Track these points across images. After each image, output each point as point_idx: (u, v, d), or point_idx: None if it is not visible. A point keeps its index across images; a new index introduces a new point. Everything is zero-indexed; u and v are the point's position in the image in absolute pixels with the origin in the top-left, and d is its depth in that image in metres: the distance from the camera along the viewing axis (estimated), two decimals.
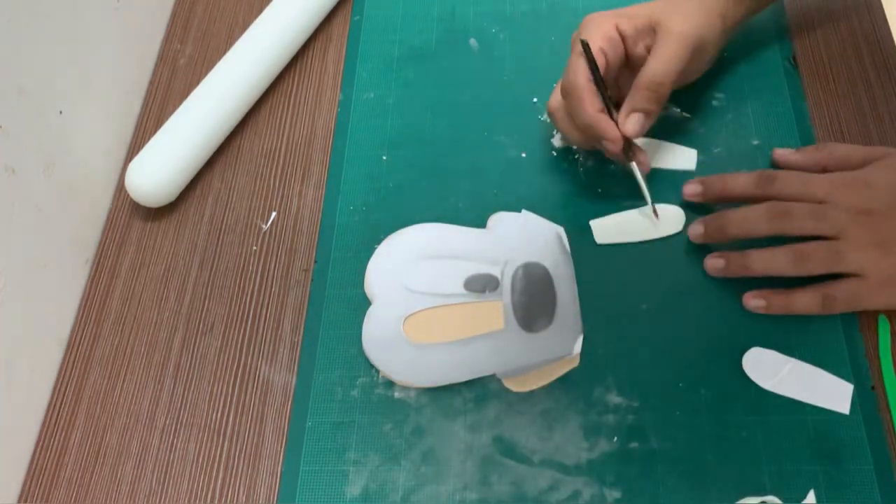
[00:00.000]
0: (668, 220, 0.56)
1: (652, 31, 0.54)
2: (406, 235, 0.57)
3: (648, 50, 0.54)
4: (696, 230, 0.54)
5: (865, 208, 0.49)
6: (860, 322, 0.52)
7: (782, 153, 0.57)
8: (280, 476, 0.50)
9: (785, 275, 0.50)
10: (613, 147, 0.53)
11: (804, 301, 0.50)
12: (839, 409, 0.49)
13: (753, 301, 0.51)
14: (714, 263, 0.53)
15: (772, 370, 0.50)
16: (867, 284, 0.49)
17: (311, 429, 0.51)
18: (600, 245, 0.56)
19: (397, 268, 0.55)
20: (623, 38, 0.55)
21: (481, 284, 0.53)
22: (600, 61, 0.53)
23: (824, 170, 0.53)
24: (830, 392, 0.49)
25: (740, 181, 0.53)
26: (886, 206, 0.49)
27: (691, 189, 0.55)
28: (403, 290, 0.54)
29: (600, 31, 0.54)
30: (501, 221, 0.57)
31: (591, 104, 0.52)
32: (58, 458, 0.52)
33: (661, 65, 0.53)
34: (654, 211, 0.55)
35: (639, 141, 0.56)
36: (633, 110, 0.53)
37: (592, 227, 0.56)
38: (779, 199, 0.51)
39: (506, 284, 0.53)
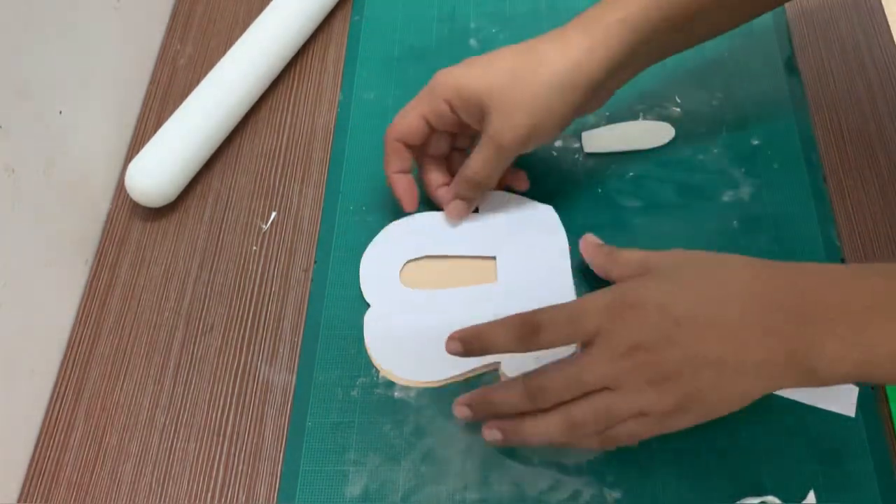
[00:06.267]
0: (657, 132, 0.60)
1: (482, 114, 0.51)
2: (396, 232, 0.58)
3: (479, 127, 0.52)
4: (463, 412, 0.48)
5: (632, 344, 0.42)
6: None
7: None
8: (280, 476, 0.50)
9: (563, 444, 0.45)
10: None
11: (583, 443, 0.45)
12: (845, 412, 0.49)
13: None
14: (489, 434, 0.46)
15: None
16: (648, 421, 0.43)
17: (311, 429, 0.51)
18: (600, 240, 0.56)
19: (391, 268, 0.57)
20: (455, 113, 0.52)
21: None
22: (419, 131, 0.53)
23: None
24: (835, 395, 0.49)
25: (500, 341, 0.45)
26: (654, 337, 0.42)
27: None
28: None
29: (428, 106, 0.52)
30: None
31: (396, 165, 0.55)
32: (58, 458, 0.52)
33: (480, 167, 0.52)
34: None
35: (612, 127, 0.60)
36: (456, 197, 0.55)
37: (583, 138, 0.60)
38: (548, 347, 0.45)
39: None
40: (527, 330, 0.44)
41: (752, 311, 0.42)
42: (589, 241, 0.53)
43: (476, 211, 0.57)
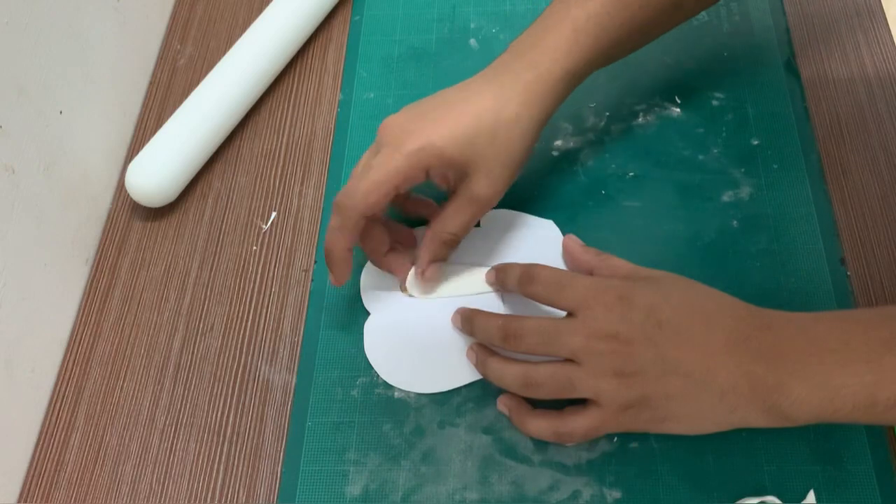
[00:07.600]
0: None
1: (462, 175, 0.49)
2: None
3: (448, 182, 0.51)
4: (457, 320, 0.52)
5: (611, 332, 0.43)
6: None
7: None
8: (280, 476, 0.50)
9: (515, 392, 0.48)
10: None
11: (537, 428, 0.48)
12: None
13: (500, 406, 0.50)
14: (468, 355, 0.51)
15: None
16: (603, 413, 0.45)
17: (311, 429, 0.51)
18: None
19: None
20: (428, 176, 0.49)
21: None
22: (387, 202, 0.49)
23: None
24: None
25: (509, 278, 0.50)
26: (634, 332, 0.43)
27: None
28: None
29: (404, 175, 0.48)
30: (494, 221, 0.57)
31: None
32: (58, 458, 0.52)
33: (460, 225, 0.50)
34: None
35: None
36: (434, 259, 0.52)
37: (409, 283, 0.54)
38: (535, 298, 0.48)
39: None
40: (525, 278, 0.48)
41: (730, 341, 0.43)
42: (573, 240, 0.53)
43: (478, 225, 0.56)
